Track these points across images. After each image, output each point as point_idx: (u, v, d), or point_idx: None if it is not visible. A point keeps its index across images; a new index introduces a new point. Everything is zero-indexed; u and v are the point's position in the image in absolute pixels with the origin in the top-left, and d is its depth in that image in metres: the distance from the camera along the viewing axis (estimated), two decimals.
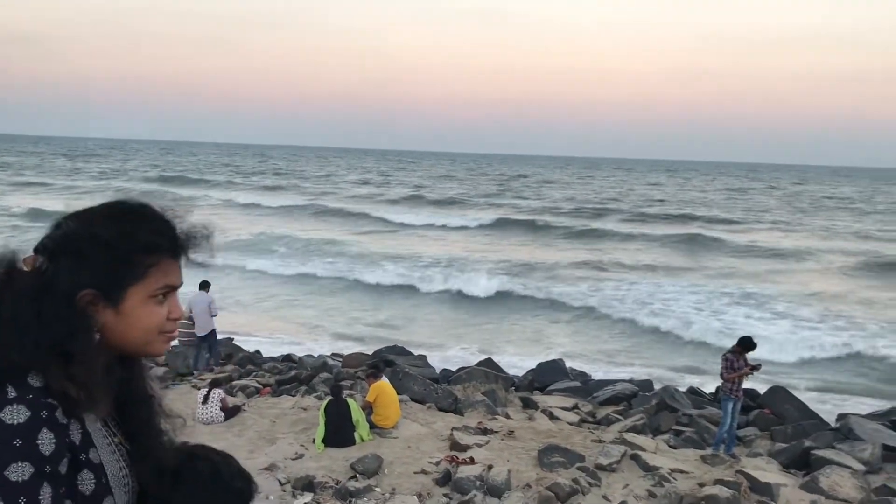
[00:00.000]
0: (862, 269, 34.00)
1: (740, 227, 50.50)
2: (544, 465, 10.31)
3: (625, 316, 23.68)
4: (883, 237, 47.63)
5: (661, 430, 12.81)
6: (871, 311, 25.10)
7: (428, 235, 44.46)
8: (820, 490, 9.98)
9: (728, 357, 11.43)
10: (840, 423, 13.11)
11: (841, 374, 18.46)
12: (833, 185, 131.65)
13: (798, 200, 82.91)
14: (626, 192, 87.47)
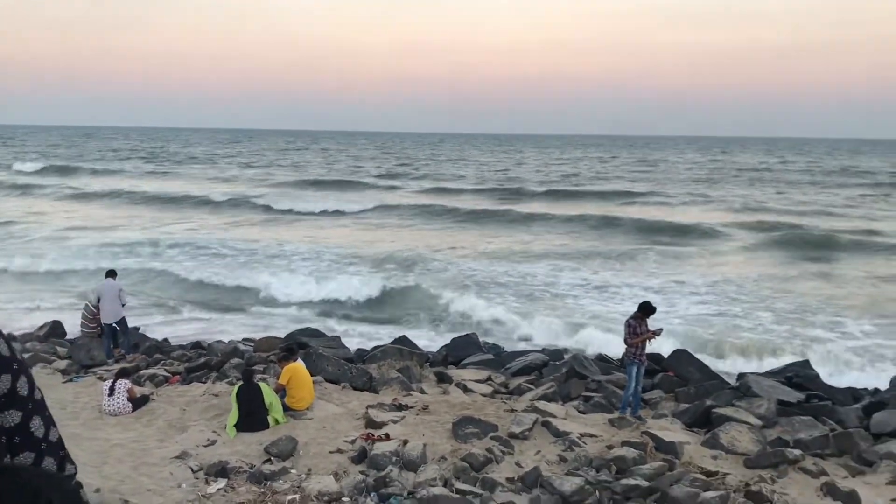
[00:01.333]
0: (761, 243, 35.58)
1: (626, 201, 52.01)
2: (459, 436, 10.48)
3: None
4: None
5: (572, 396, 13.17)
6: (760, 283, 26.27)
7: (305, 223, 42.09)
8: (720, 446, 10.48)
9: (630, 323, 11.82)
10: (739, 382, 13.75)
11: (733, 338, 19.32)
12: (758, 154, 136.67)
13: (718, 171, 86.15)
14: (541, 168, 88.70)
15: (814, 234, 35.31)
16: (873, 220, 42.64)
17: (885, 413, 11.99)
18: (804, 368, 14.98)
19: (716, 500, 8.44)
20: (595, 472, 9.49)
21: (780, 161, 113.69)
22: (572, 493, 8.75)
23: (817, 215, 44.56)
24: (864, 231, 36.62)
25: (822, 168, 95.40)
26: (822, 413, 12.20)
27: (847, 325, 20.09)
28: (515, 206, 48.17)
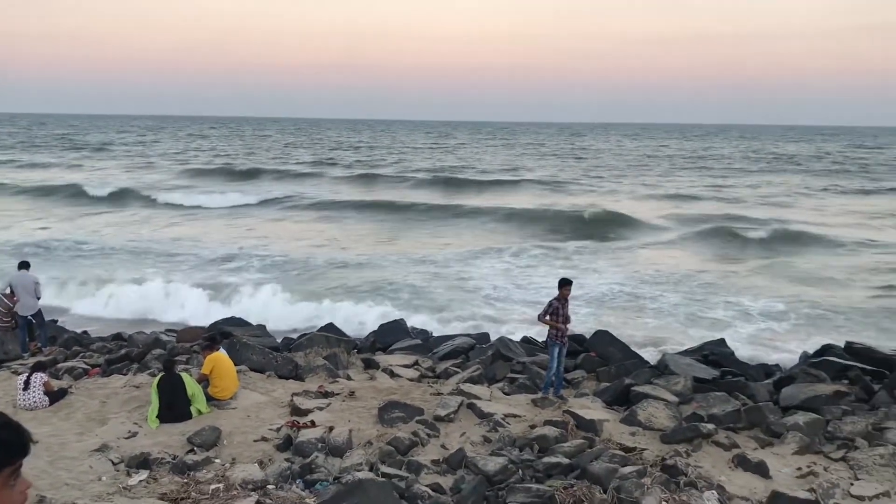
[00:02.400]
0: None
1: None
2: (385, 421, 10.56)
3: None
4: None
5: (497, 378, 13.38)
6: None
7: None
8: (638, 422, 10.83)
9: (552, 303, 12.06)
10: (658, 361, 14.18)
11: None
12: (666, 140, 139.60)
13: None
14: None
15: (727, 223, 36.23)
16: (788, 207, 44.23)
17: (792, 387, 12.54)
18: (720, 346, 15.53)
19: (633, 475, 8.73)
20: (518, 451, 9.71)
21: (703, 147, 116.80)
22: (496, 473, 8.94)
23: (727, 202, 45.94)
24: (774, 220, 37.79)
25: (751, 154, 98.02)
26: (735, 389, 12.68)
27: (759, 306, 20.88)
28: (432, 197, 46.98)
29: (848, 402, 12.04)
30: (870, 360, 14.20)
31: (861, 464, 9.67)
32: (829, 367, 13.65)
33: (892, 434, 10.61)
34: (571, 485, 8.55)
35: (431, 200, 44.15)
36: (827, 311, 20.41)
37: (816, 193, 51.64)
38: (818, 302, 21.39)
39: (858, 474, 9.49)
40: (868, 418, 11.28)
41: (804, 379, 12.94)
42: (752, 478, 9.31)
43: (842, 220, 38.65)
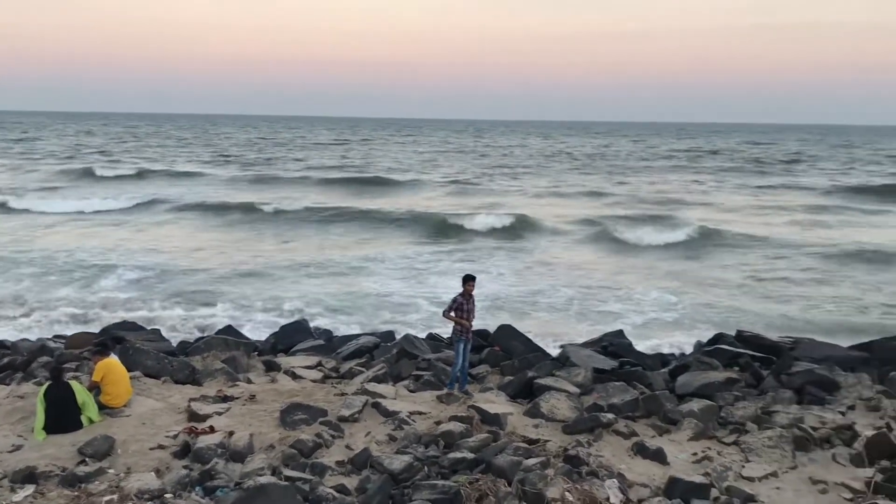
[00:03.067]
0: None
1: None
2: (287, 424, 10.34)
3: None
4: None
5: (402, 376, 13.32)
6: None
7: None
8: (541, 414, 10.98)
9: (456, 299, 12.08)
10: (559, 353, 14.43)
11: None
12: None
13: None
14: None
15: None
16: (682, 203, 45.82)
17: (687, 375, 12.98)
18: (618, 338, 15.95)
19: (537, 466, 8.84)
20: (424, 448, 9.67)
21: (609, 145, 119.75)
22: (401, 471, 8.88)
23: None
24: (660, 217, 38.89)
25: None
26: (633, 378, 13.02)
27: (651, 299, 21.60)
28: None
29: (739, 388, 12.55)
30: (759, 348, 14.86)
31: (751, 446, 10.08)
32: (722, 355, 14.20)
33: (779, 417, 11.12)
34: (477, 479, 8.57)
35: (330, 202, 43.11)
36: (716, 301, 21.28)
37: (710, 190, 53.70)
38: (709, 294, 22.29)
39: (749, 457, 9.90)
40: (757, 403, 11.79)
41: (698, 367, 13.41)
42: (651, 464, 9.57)
43: (731, 216, 40.33)
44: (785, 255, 28.48)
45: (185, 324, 18.58)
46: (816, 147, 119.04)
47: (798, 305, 21.12)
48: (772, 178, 61.24)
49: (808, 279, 24.62)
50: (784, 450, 9.98)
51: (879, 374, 13.34)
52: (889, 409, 11.73)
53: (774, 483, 9.24)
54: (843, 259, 27.73)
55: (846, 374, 13.02)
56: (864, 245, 29.82)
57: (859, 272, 25.66)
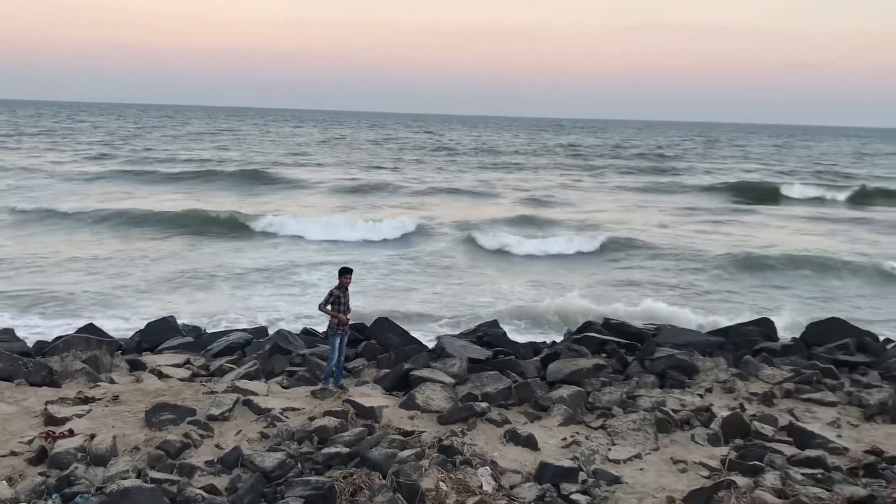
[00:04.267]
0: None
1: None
2: (153, 425, 9.96)
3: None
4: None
5: (275, 372, 13.07)
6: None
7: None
8: (416, 406, 11.02)
9: (333, 292, 11.95)
10: (435, 345, 14.53)
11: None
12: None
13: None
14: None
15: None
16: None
17: (558, 363, 13.35)
18: (493, 328, 16.22)
19: (412, 458, 8.87)
20: (297, 444, 9.53)
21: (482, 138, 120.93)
22: (273, 469, 8.72)
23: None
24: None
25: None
26: (506, 367, 13.27)
27: (518, 291, 22.13)
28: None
29: (606, 374, 13.02)
30: (624, 334, 15.46)
31: (617, 430, 10.49)
32: (590, 342, 14.68)
33: (642, 401, 11.61)
34: (351, 473, 8.52)
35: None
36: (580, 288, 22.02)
37: (574, 184, 55.09)
38: (565, 282, 23.04)
39: (615, 440, 10.29)
40: (622, 388, 12.28)
41: (568, 354, 13.81)
42: (523, 451, 9.79)
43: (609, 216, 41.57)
44: (661, 257, 28.63)
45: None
46: (686, 143, 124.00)
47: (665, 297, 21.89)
48: (642, 177, 62.71)
49: (684, 281, 25.18)
50: (647, 432, 10.44)
51: (734, 357, 14.15)
52: (742, 391, 12.46)
53: (638, 464, 9.64)
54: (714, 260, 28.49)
55: (704, 359, 13.74)
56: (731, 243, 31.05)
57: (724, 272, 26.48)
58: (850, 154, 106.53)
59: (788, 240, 32.19)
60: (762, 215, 41.27)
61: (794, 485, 8.72)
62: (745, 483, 8.65)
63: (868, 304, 22.24)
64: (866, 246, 31.78)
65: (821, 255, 27.61)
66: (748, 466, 9.29)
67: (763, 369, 13.43)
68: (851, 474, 9.35)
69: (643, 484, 9.07)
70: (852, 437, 10.75)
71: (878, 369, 13.61)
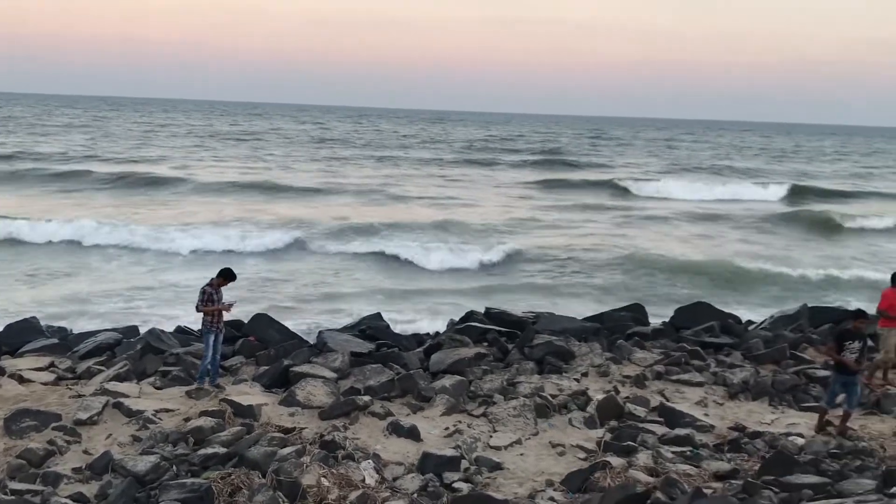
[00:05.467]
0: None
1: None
2: (13, 432, 9.42)
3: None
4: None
5: (148, 373, 12.53)
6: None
7: None
8: (297, 402, 10.84)
9: (205, 290, 11.58)
10: (316, 340, 14.32)
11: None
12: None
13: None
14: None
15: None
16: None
17: (440, 353, 13.40)
18: (376, 320, 16.15)
19: (292, 455, 8.72)
20: (172, 446, 9.21)
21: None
22: (146, 472, 8.40)
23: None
24: None
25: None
26: (389, 359, 13.21)
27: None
28: None
29: (487, 363, 13.19)
30: (505, 323, 15.69)
31: (498, 417, 10.65)
32: (472, 332, 14.83)
33: (522, 387, 11.84)
34: (229, 473, 8.31)
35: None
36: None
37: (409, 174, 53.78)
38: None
39: (496, 427, 10.45)
40: (503, 375, 12.49)
41: (450, 345, 13.90)
42: (406, 442, 9.80)
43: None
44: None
45: None
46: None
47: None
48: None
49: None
50: (527, 418, 10.65)
51: (609, 342, 14.63)
52: (616, 374, 12.90)
53: (519, 450, 9.83)
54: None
55: (580, 344, 14.14)
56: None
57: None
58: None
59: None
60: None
61: (664, 463, 9.11)
62: (619, 463, 8.97)
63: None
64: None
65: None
66: (622, 447, 9.63)
67: (635, 353, 13.94)
68: (717, 450, 9.86)
69: (523, 469, 9.26)
70: (718, 414, 11.32)
71: (740, 350, 14.36)
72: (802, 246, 31.29)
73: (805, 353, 14.05)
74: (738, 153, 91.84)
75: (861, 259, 28.55)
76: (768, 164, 76.32)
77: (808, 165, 76.83)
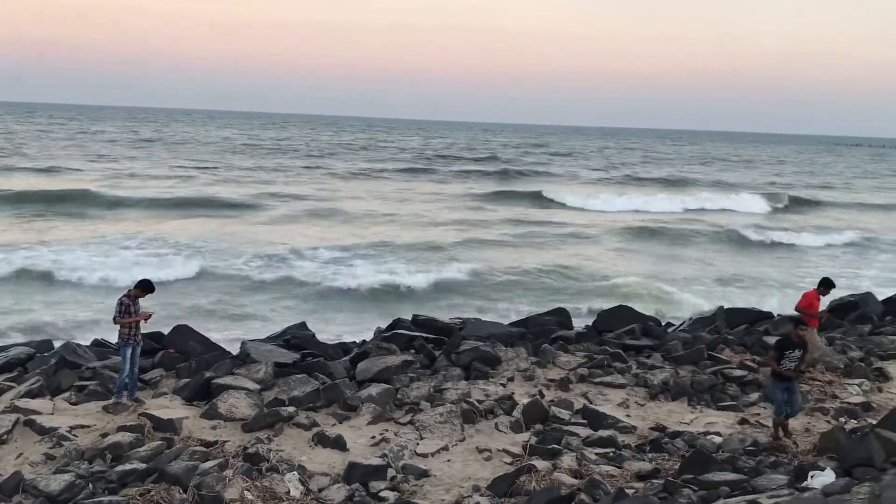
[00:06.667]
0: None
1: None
2: None
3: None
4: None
5: (62, 388, 12.06)
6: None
7: None
8: (219, 415, 10.61)
9: (123, 301, 11.24)
10: (239, 350, 14.05)
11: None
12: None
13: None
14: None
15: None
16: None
17: (367, 361, 13.33)
18: (301, 330, 15.96)
19: (214, 469, 8.55)
20: (88, 464, 8.92)
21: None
22: (60, 492, 8.11)
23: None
24: None
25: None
26: (315, 369, 13.07)
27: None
28: None
29: (414, 370, 13.17)
30: (432, 329, 15.74)
31: (425, 424, 10.64)
32: (399, 339, 14.81)
33: (449, 394, 11.86)
34: (148, 490, 8.09)
35: None
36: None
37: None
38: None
39: (423, 434, 10.43)
40: (430, 382, 12.48)
41: (377, 353, 13.84)
42: (332, 452, 9.70)
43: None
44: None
45: None
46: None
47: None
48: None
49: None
50: (454, 424, 10.67)
51: (534, 346, 14.80)
52: (541, 378, 13.05)
53: (446, 456, 9.84)
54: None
55: (506, 349, 14.26)
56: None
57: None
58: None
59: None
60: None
61: (588, 465, 9.25)
62: (544, 466, 9.06)
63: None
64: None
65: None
66: (547, 450, 9.74)
67: (560, 356, 14.13)
68: (639, 450, 10.07)
69: (450, 475, 9.28)
70: (639, 415, 11.56)
71: (660, 351, 14.71)
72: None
73: (722, 353, 14.47)
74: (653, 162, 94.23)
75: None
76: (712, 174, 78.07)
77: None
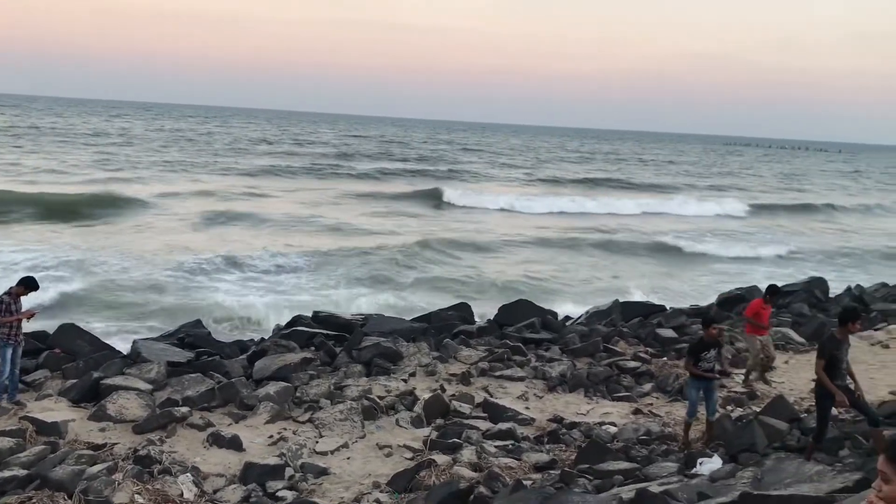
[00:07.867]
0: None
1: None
2: None
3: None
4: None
5: None
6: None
7: None
8: (108, 417, 10.20)
9: (3, 299, 10.64)
10: (130, 350, 13.53)
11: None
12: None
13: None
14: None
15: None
16: None
17: (265, 360, 13.08)
18: (196, 328, 15.50)
19: (103, 472, 8.22)
20: None
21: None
22: None
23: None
24: None
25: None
26: (210, 368, 12.72)
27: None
28: None
29: (314, 367, 12.99)
30: (333, 326, 15.56)
31: (324, 422, 10.51)
32: (299, 337, 14.59)
33: (349, 391, 11.76)
34: (30, 497, 7.69)
35: None
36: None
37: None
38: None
39: (322, 432, 10.30)
40: (331, 379, 12.34)
41: (276, 351, 13.59)
42: (227, 453, 9.47)
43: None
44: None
45: None
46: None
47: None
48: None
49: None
50: (354, 421, 10.58)
51: (436, 341, 14.83)
52: (443, 373, 13.10)
53: (346, 454, 9.74)
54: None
55: (408, 345, 14.22)
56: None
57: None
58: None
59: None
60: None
61: (488, 457, 9.34)
62: (444, 460, 9.10)
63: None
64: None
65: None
66: (447, 444, 9.78)
67: (461, 351, 14.21)
68: (537, 442, 10.23)
69: (350, 472, 9.19)
70: (538, 407, 11.76)
71: (558, 344, 15.01)
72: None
73: (616, 345, 14.88)
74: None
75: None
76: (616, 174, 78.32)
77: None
